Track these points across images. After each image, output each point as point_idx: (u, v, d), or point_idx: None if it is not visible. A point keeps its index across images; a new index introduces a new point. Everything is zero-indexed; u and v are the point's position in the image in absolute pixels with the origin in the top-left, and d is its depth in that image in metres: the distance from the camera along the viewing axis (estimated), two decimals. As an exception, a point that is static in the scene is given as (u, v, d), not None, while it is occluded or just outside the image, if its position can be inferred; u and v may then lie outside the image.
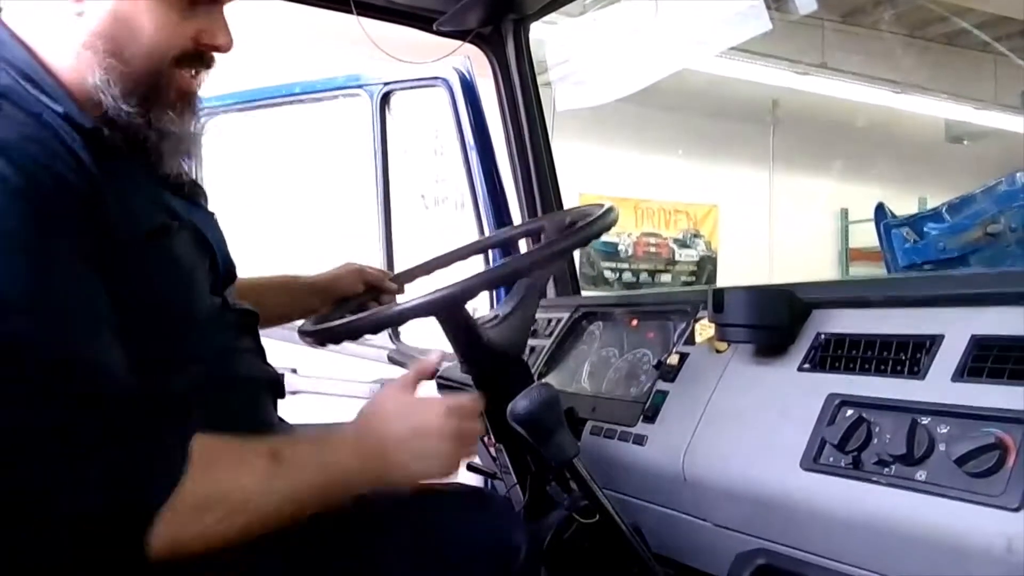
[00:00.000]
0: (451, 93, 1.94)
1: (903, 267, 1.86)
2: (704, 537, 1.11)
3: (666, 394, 1.20)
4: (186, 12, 0.89)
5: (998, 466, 0.79)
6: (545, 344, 1.56)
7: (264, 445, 0.84)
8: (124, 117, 0.88)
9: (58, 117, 0.83)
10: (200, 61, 0.93)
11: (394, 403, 0.95)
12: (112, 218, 0.82)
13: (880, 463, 0.88)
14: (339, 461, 0.88)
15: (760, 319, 1.08)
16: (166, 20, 0.88)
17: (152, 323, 0.85)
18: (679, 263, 8.32)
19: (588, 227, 1.11)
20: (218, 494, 0.78)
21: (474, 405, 0.99)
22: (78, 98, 0.87)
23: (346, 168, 2.40)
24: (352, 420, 0.95)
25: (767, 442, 1.01)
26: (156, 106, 0.90)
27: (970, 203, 1.83)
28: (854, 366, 0.99)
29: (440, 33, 1.96)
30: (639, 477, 1.20)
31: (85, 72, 0.87)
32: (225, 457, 0.81)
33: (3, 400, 0.70)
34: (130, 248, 0.83)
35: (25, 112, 0.81)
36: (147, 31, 0.87)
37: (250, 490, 0.80)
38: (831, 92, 7.35)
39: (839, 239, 9.05)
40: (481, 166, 1.95)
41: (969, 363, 0.88)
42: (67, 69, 0.87)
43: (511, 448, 1.22)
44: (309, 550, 0.92)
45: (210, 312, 0.97)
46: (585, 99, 2.45)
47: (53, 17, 0.87)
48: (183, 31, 0.89)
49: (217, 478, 0.79)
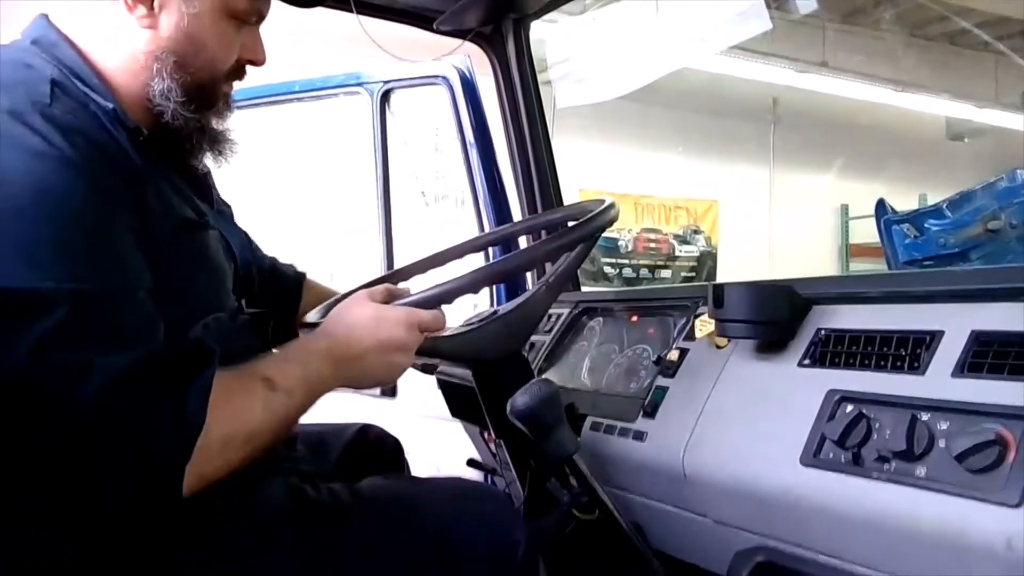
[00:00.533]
0: (451, 91, 1.95)
1: (903, 263, 1.86)
2: (704, 533, 1.11)
3: (666, 390, 1.20)
4: (237, 32, 0.99)
5: (998, 462, 0.78)
6: (545, 340, 1.56)
7: (257, 372, 0.90)
8: (180, 119, 0.96)
9: (104, 112, 0.90)
10: (239, 73, 1.04)
11: (362, 315, 1.00)
12: (151, 208, 0.88)
13: (880, 459, 0.88)
14: (320, 376, 0.95)
15: (760, 315, 1.08)
16: (225, 39, 0.98)
17: (183, 316, 0.91)
18: (679, 259, 8.32)
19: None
20: (237, 425, 0.85)
21: (436, 319, 1.03)
22: (124, 98, 0.94)
23: (346, 166, 2.40)
24: (323, 329, 1.01)
25: (767, 438, 1.01)
26: (207, 111, 1.00)
27: (971, 199, 1.83)
28: (854, 362, 0.99)
29: (440, 32, 1.96)
30: (639, 473, 1.20)
31: (142, 76, 0.94)
32: (237, 392, 0.87)
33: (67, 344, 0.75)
34: (165, 239, 0.89)
35: (74, 101, 0.88)
36: (210, 47, 0.97)
37: (259, 418, 0.88)
38: (832, 90, 7.35)
39: (839, 235, 9.05)
40: (481, 163, 1.95)
41: (969, 359, 0.88)
42: (119, 71, 0.94)
43: (511, 444, 1.22)
44: (311, 546, 0.92)
45: (230, 312, 1.02)
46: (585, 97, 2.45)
47: (112, 23, 0.93)
48: (236, 48, 1.00)
49: (234, 413, 0.85)
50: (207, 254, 0.99)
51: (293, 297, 1.37)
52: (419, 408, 1.81)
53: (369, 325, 0.99)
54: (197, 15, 0.94)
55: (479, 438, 1.63)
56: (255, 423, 0.87)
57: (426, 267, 1.42)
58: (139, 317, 0.81)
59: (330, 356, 0.96)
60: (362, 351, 0.98)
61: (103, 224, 0.82)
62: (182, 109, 0.96)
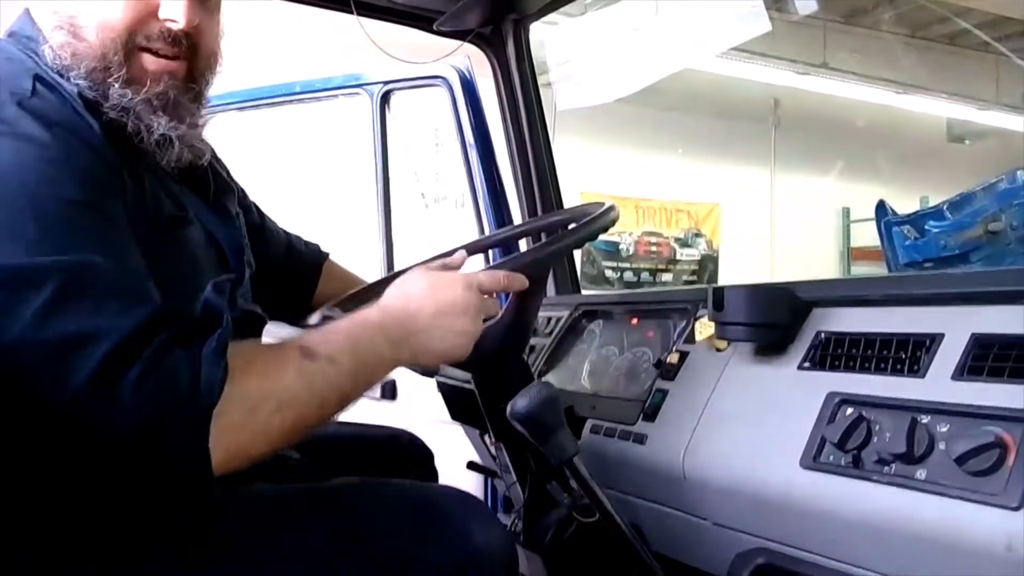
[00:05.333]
0: (451, 92, 1.94)
1: (903, 264, 1.86)
2: (704, 536, 1.10)
3: (666, 393, 1.20)
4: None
5: (998, 465, 0.78)
6: (545, 343, 1.56)
7: (295, 342, 0.86)
8: (108, 91, 0.89)
9: (79, 103, 0.88)
10: (164, 40, 0.93)
11: (417, 283, 0.96)
12: (130, 200, 0.86)
13: (880, 462, 0.88)
14: (370, 345, 0.89)
15: (760, 317, 1.08)
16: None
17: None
18: (680, 262, 8.31)
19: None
20: (263, 391, 0.80)
21: (494, 280, 1.00)
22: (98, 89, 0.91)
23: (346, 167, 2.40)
24: (378, 303, 0.96)
25: (767, 441, 1.01)
26: (137, 85, 0.91)
27: (971, 201, 1.83)
28: (854, 365, 0.99)
29: (440, 33, 1.96)
30: (639, 476, 1.19)
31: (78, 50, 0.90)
32: (261, 357, 0.83)
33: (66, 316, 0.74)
34: (143, 233, 0.86)
35: (56, 95, 0.86)
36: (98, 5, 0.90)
37: (293, 386, 0.82)
38: (833, 92, 7.34)
39: (840, 238, 9.05)
40: (481, 165, 1.95)
41: (969, 362, 0.88)
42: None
43: (511, 447, 1.22)
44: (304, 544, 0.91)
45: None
46: (586, 99, 2.45)
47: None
48: (137, 5, 0.91)
49: (259, 376, 0.81)
50: (184, 249, 0.95)
51: (308, 282, 1.33)
52: (419, 411, 1.81)
53: (425, 292, 0.94)
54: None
55: (479, 441, 1.63)
56: (288, 390, 0.81)
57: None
58: (134, 282, 0.80)
59: (383, 328, 0.91)
60: (422, 321, 0.93)
61: (90, 203, 0.80)
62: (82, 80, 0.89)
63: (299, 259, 1.34)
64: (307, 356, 0.84)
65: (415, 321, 0.93)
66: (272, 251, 1.28)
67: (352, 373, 0.87)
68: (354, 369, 0.87)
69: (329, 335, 0.89)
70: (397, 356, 0.92)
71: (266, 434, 0.80)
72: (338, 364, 0.86)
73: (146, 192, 0.90)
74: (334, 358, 0.86)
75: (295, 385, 0.82)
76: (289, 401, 0.81)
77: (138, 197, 0.88)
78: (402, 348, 0.92)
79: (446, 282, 0.96)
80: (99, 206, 0.82)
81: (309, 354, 0.84)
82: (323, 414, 0.86)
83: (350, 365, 0.87)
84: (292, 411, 0.81)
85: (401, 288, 0.97)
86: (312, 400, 0.83)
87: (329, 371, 0.85)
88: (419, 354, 0.94)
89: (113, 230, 0.82)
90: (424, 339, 0.93)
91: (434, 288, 0.95)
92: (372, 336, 0.90)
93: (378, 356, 0.90)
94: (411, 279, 0.98)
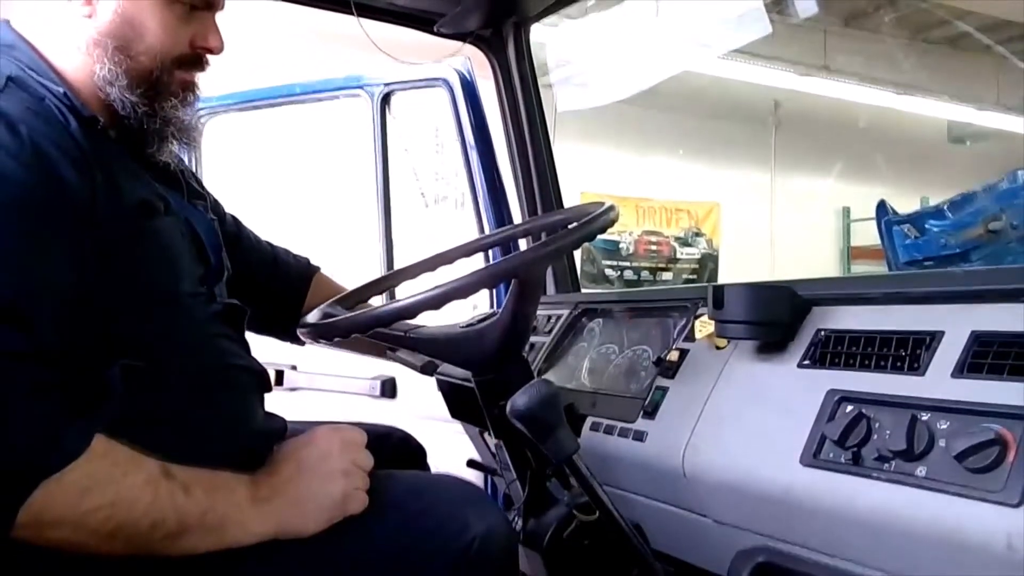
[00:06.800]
0: (452, 94, 1.94)
1: (904, 263, 1.86)
2: (704, 534, 1.11)
3: (666, 390, 1.20)
4: (185, 18, 1.00)
5: (998, 462, 0.79)
6: (545, 341, 1.56)
7: (157, 459, 0.85)
8: (128, 106, 0.98)
9: (59, 102, 0.92)
10: (196, 63, 1.03)
11: (292, 444, 0.97)
12: (100, 193, 0.88)
13: (880, 459, 0.88)
14: (229, 494, 0.88)
15: (760, 316, 1.08)
16: (168, 24, 0.98)
17: (132, 301, 0.91)
18: (680, 261, 8.30)
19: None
20: (106, 482, 0.80)
21: (357, 436, 0.98)
22: (80, 91, 0.96)
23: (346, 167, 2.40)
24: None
25: (767, 438, 1.01)
26: (160, 97, 1.00)
27: (972, 200, 1.83)
28: (854, 362, 0.99)
29: (440, 35, 1.96)
30: (639, 473, 1.20)
31: (92, 66, 0.96)
32: (121, 452, 0.82)
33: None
34: (116, 223, 0.89)
35: (29, 94, 0.90)
36: (151, 32, 0.98)
37: (136, 491, 0.81)
38: (833, 94, 7.35)
39: (841, 237, 9.05)
40: (481, 166, 1.95)
41: (969, 359, 0.88)
42: (71, 64, 0.97)
43: (511, 444, 1.21)
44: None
45: (193, 300, 1.00)
46: (586, 100, 2.46)
47: (60, 19, 0.97)
48: (182, 35, 1.00)
49: (110, 467, 0.80)
50: (160, 239, 0.97)
51: (296, 293, 1.34)
52: (418, 409, 1.81)
53: (290, 454, 0.94)
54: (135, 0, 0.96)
55: (479, 439, 1.63)
56: (130, 491, 0.80)
57: (425, 269, 1.41)
58: (41, 320, 0.79)
59: (251, 482, 0.91)
60: (293, 480, 0.92)
61: (27, 228, 0.81)
62: (127, 94, 0.97)
63: (286, 272, 1.34)
64: (165, 474, 0.83)
65: (282, 476, 0.92)
66: (255, 264, 1.29)
67: (202, 510, 0.85)
68: (206, 507, 0.85)
69: (198, 470, 0.87)
70: (260, 514, 0.89)
71: (81, 523, 0.78)
72: (192, 495, 0.84)
73: (122, 185, 0.92)
74: (190, 488, 0.84)
75: (139, 492, 0.81)
76: (125, 503, 0.80)
77: (111, 189, 0.90)
78: (268, 510, 0.90)
79: (306, 440, 0.96)
80: (36, 232, 0.82)
81: (168, 473, 0.84)
82: (152, 535, 0.82)
83: (203, 502, 0.85)
84: (122, 514, 0.80)
85: (274, 455, 0.96)
86: (148, 514, 0.81)
87: (178, 496, 0.83)
88: (290, 517, 0.90)
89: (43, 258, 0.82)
90: (295, 496, 0.91)
91: (296, 448, 0.96)
92: (235, 486, 0.89)
93: (236, 505, 0.88)
94: (293, 443, 0.98)
